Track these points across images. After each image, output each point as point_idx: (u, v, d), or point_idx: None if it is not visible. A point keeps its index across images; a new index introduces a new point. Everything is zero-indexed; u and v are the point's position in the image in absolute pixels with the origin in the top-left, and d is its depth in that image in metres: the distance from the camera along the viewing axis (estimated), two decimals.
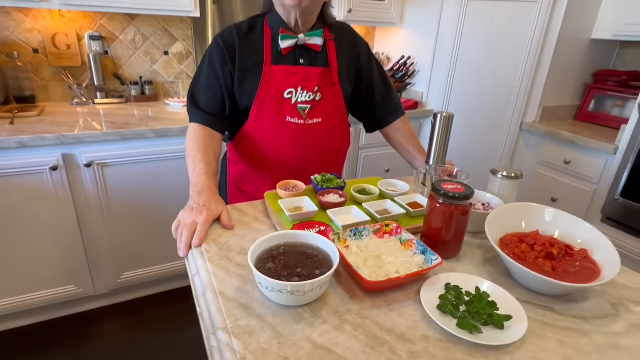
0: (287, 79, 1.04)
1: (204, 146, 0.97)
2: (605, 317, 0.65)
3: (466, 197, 0.73)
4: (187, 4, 1.78)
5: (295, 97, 1.05)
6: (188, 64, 2.19)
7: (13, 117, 1.60)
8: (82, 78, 1.97)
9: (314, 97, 1.07)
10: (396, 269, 0.69)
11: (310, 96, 1.06)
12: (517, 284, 0.71)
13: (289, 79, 1.04)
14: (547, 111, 2.16)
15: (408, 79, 2.42)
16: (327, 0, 1.04)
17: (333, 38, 1.09)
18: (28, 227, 1.53)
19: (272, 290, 0.60)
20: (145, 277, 1.86)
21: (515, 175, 0.93)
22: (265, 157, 1.09)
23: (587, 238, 0.75)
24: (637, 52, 2.18)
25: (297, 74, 1.04)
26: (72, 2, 1.59)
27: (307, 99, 1.06)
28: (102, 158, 1.56)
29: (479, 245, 0.85)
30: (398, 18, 2.37)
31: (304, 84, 1.05)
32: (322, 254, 0.69)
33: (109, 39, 1.97)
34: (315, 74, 1.06)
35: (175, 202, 1.76)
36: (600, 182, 1.87)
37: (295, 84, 1.04)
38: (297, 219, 0.84)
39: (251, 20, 1.06)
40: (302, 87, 1.05)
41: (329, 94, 1.09)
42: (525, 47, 2.03)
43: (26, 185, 1.47)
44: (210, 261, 0.74)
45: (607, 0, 2.01)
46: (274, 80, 1.03)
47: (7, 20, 1.76)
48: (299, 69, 1.04)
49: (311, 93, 1.06)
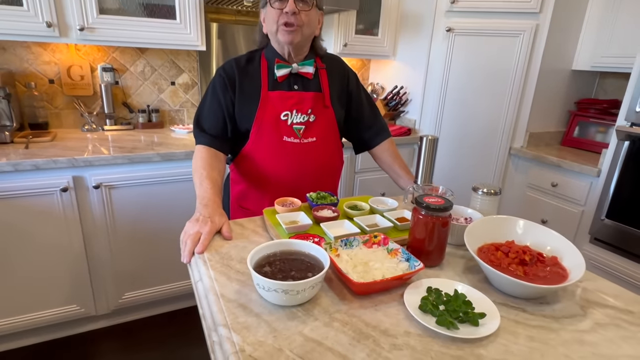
0: (283, 102, 1.15)
1: (209, 165, 1.07)
2: (573, 316, 0.71)
3: (445, 208, 0.81)
4: (195, 39, 1.93)
5: (290, 118, 1.16)
6: (193, 93, 2.32)
7: (28, 142, 1.70)
8: (93, 106, 2.09)
9: (307, 118, 1.17)
10: (382, 274, 0.75)
11: (304, 117, 1.17)
12: (494, 289, 0.78)
13: (284, 102, 1.15)
14: (533, 137, 2.26)
15: (401, 107, 2.55)
16: (317, 35, 1.17)
17: (325, 67, 1.21)
18: (35, 246, 1.59)
19: (269, 290, 0.67)
20: (146, 297, 1.90)
21: (494, 191, 1.01)
22: (265, 174, 1.19)
23: (555, 246, 0.82)
24: (616, 82, 2.32)
25: (291, 98, 1.16)
26: (88, 38, 1.73)
27: (302, 120, 1.17)
28: (110, 180, 1.64)
29: (461, 256, 0.91)
30: (391, 51, 2.53)
31: (298, 106, 1.16)
32: (314, 260, 0.76)
33: (120, 70, 2.10)
34: (309, 98, 1.17)
35: (178, 223, 1.82)
36: (587, 204, 1.95)
37: (291, 107, 1.15)
38: (293, 231, 0.92)
39: (249, 54, 1.20)
40: (297, 110, 1.16)
41: (321, 116, 1.20)
42: (510, 78, 2.16)
43: (37, 206, 1.54)
44: (213, 268, 0.80)
45: (583, 35, 2.16)
46: (271, 104, 1.15)
47: (27, 53, 1.90)
48: (294, 94, 1.16)
49: (305, 115, 1.17)
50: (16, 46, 1.87)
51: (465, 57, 2.22)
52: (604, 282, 0.84)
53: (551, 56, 2.12)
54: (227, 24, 2.28)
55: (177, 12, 1.86)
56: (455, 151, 2.38)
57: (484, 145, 2.31)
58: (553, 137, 2.37)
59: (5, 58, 1.87)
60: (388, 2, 2.40)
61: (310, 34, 1.13)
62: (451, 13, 2.20)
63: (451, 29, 2.19)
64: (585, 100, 2.35)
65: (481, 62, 2.19)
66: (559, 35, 2.10)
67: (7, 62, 1.87)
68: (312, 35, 1.14)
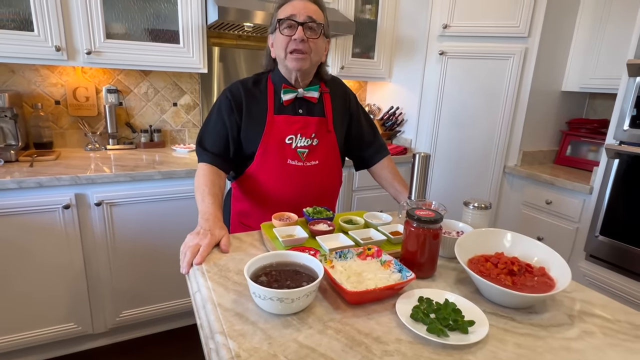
0: (288, 126, 1.19)
1: (211, 181, 1.10)
2: (560, 325, 0.73)
3: (436, 220, 0.84)
4: (197, 62, 2.00)
5: (295, 142, 1.20)
6: (194, 114, 2.39)
7: (32, 160, 1.74)
8: (97, 126, 2.15)
9: (311, 142, 1.21)
10: (375, 284, 0.78)
11: (307, 141, 1.21)
12: (485, 300, 0.80)
13: (290, 126, 1.19)
14: (527, 156, 2.31)
15: (397, 127, 2.61)
16: (323, 61, 1.22)
17: (328, 91, 1.26)
18: (35, 263, 1.61)
19: (264, 299, 0.69)
20: (144, 315, 1.89)
21: (485, 205, 1.05)
22: (268, 195, 1.22)
23: (542, 257, 0.84)
24: (604, 102, 2.39)
25: (296, 122, 1.20)
26: (95, 61, 1.80)
27: (305, 144, 1.21)
28: (112, 198, 1.68)
29: (453, 268, 0.94)
30: (386, 73, 2.62)
31: (303, 131, 1.20)
32: (309, 270, 0.78)
33: (124, 92, 2.17)
34: (313, 123, 1.21)
35: (178, 240, 1.83)
36: (581, 221, 1.97)
37: (295, 131, 1.19)
38: (289, 244, 0.94)
39: (256, 77, 1.24)
40: (301, 134, 1.20)
41: (324, 140, 1.24)
42: (502, 99, 2.23)
43: (39, 223, 1.57)
44: (211, 279, 0.83)
45: (571, 57, 2.25)
46: (276, 127, 1.18)
47: (35, 75, 1.97)
48: (299, 119, 1.20)
49: (309, 139, 1.21)
50: (25, 69, 1.94)
51: (458, 79, 2.30)
52: (592, 292, 0.86)
53: (541, 78, 2.20)
54: (229, 48, 2.37)
55: (180, 37, 1.95)
56: (451, 170, 2.42)
57: (479, 164, 2.36)
58: (546, 155, 2.42)
59: (14, 80, 1.93)
60: (383, 27, 2.50)
61: (317, 61, 1.18)
62: (443, 37, 2.29)
63: (444, 52, 2.28)
64: (576, 120, 2.41)
65: (474, 84, 2.27)
66: (547, 58, 2.18)
67: (15, 84, 1.94)
68: (319, 62, 1.19)
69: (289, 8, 1.10)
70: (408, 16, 2.47)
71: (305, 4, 1.10)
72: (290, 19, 1.09)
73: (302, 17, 1.08)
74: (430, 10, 2.29)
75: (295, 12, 1.09)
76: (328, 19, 1.17)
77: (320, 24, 1.11)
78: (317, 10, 1.12)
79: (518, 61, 2.15)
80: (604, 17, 2.07)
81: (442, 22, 2.25)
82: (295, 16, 1.08)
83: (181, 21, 1.93)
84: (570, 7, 2.16)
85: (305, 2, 1.11)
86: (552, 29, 2.13)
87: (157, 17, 1.90)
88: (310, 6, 1.11)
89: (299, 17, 1.08)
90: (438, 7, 2.26)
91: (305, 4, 1.10)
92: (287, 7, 1.11)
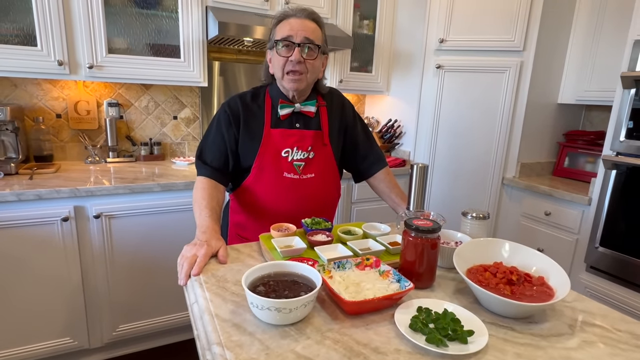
0: (285, 140, 1.20)
1: (209, 195, 1.11)
2: (561, 335, 0.72)
3: (434, 230, 0.84)
4: (197, 76, 2.03)
5: (291, 155, 1.20)
6: (194, 127, 2.41)
7: (32, 173, 1.75)
8: (97, 139, 2.16)
9: (307, 155, 1.22)
10: (374, 294, 0.77)
11: (304, 155, 1.22)
12: (484, 310, 0.79)
13: (286, 140, 1.20)
14: (525, 167, 2.32)
15: (396, 139, 2.63)
16: (320, 77, 1.23)
17: (325, 104, 1.27)
18: (32, 276, 1.60)
19: (262, 309, 0.68)
20: (141, 330, 1.87)
21: (483, 215, 1.05)
22: (264, 207, 1.22)
23: (541, 266, 0.84)
24: (601, 114, 2.42)
25: (293, 135, 1.21)
26: (96, 75, 1.83)
27: (302, 157, 1.21)
28: (111, 210, 1.68)
29: (452, 279, 0.93)
30: (384, 87, 2.65)
31: (299, 144, 1.21)
32: (307, 280, 0.78)
33: (125, 105, 2.20)
34: (309, 136, 1.22)
35: (176, 253, 1.81)
36: (580, 232, 1.97)
37: (292, 145, 1.20)
38: (287, 255, 0.94)
39: (254, 91, 1.25)
40: (298, 147, 1.21)
41: (320, 153, 1.25)
42: (499, 111, 2.25)
43: (37, 236, 1.56)
44: (209, 290, 0.82)
45: (566, 70, 2.28)
46: (273, 141, 1.19)
47: (37, 89, 1.99)
48: (295, 132, 1.21)
49: (305, 152, 1.22)
50: (27, 83, 1.97)
51: (455, 92, 2.32)
52: (592, 302, 0.85)
53: (537, 90, 2.23)
54: (229, 62, 2.40)
55: (181, 52, 1.98)
56: (450, 181, 2.43)
57: (478, 176, 2.37)
58: (544, 167, 2.43)
59: (16, 94, 1.96)
60: (380, 42, 2.55)
61: (314, 79, 1.19)
62: (440, 51, 2.33)
63: (441, 65, 2.31)
64: (572, 132, 2.43)
65: (471, 97, 2.30)
66: (543, 71, 2.21)
67: (17, 98, 1.96)
68: (315, 79, 1.20)
69: (287, 27, 1.10)
70: (405, 31, 2.52)
71: (303, 23, 1.10)
72: (287, 40, 1.10)
73: (299, 38, 1.09)
74: (427, 24, 2.33)
75: (292, 33, 1.09)
76: (326, 35, 1.19)
77: (317, 45, 1.12)
78: (315, 29, 1.12)
79: (514, 74, 2.18)
80: (597, 31, 2.11)
81: (439, 37, 2.29)
82: (292, 37, 1.09)
83: (182, 36, 1.97)
84: (564, 21, 2.21)
85: (302, 20, 1.11)
86: (546, 43, 2.17)
87: (158, 32, 1.93)
88: (308, 25, 1.11)
89: (296, 38, 1.09)
90: (434, 21, 2.31)
91: (303, 22, 1.10)
92: (284, 25, 1.11)
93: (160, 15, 1.92)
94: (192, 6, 1.95)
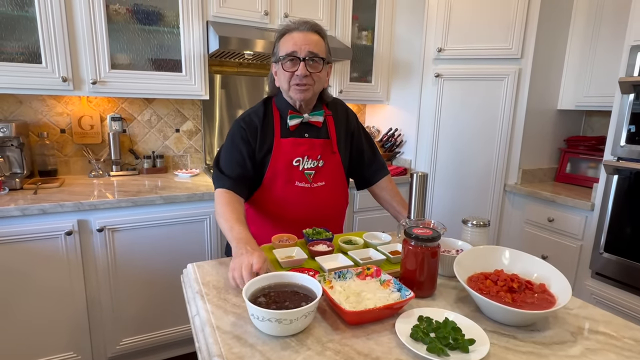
0: (295, 149, 1.21)
1: (235, 210, 1.08)
2: (563, 342, 0.72)
3: (433, 238, 0.84)
4: (199, 89, 2.06)
5: (302, 164, 1.22)
6: (196, 139, 2.43)
7: (37, 188, 1.77)
8: (101, 153, 2.19)
9: (317, 164, 1.24)
10: (374, 304, 0.77)
11: (314, 163, 1.23)
12: (485, 318, 0.79)
13: (296, 149, 1.22)
14: (527, 174, 2.32)
15: (397, 148, 2.64)
16: (325, 86, 1.25)
17: (331, 113, 1.30)
18: (36, 291, 1.60)
19: (263, 320, 0.69)
20: (145, 343, 1.86)
21: (484, 223, 1.05)
22: (276, 217, 1.24)
23: (542, 273, 0.84)
24: (601, 119, 2.42)
25: (303, 144, 1.22)
26: (100, 90, 1.86)
27: (312, 165, 1.23)
28: (114, 223, 1.69)
29: (453, 287, 0.93)
30: (384, 96, 2.67)
31: (309, 152, 1.23)
32: (308, 290, 0.78)
33: (128, 119, 2.22)
34: (318, 145, 1.24)
35: (178, 265, 1.84)
36: (584, 238, 1.96)
37: (302, 153, 1.22)
38: (288, 265, 0.94)
39: (264, 104, 1.25)
40: (308, 156, 1.22)
41: (329, 161, 1.27)
42: (499, 118, 2.26)
43: (41, 250, 1.58)
44: (210, 302, 0.83)
45: (565, 77, 2.29)
46: (284, 151, 1.21)
47: (42, 105, 2.03)
48: (305, 141, 1.23)
49: (315, 160, 1.24)
50: (32, 99, 2.00)
51: (454, 100, 2.34)
52: (595, 309, 0.85)
53: (536, 97, 2.24)
54: (230, 75, 2.44)
55: (183, 66, 2.01)
56: (451, 189, 2.43)
57: (479, 183, 2.37)
58: (546, 173, 2.43)
59: (21, 110, 1.99)
60: (379, 52, 2.58)
61: (320, 89, 1.21)
62: (439, 60, 2.35)
63: (440, 74, 2.33)
64: (573, 138, 2.43)
65: (470, 104, 2.31)
66: (541, 77, 2.23)
67: (22, 114, 1.99)
68: (321, 88, 1.22)
69: (290, 42, 1.12)
70: (403, 41, 2.54)
71: (306, 36, 1.12)
72: (292, 55, 1.11)
73: (303, 53, 1.11)
74: (425, 34, 2.36)
75: (296, 48, 1.11)
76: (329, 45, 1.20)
77: (322, 58, 1.14)
78: (318, 41, 1.14)
79: (512, 81, 2.20)
80: (594, 37, 2.12)
81: (437, 46, 2.32)
82: (296, 52, 1.11)
83: (184, 51, 2.00)
84: (561, 27, 2.23)
85: (305, 33, 1.13)
86: (544, 50, 2.18)
87: (160, 47, 1.97)
88: (311, 37, 1.13)
89: (300, 53, 1.11)
90: (432, 31, 2.33)
91: (306, 36, 1.12)
92: (288, 39, 1.13)
93: (162, 30, 1.96)
94: (193, 21, 1.99)
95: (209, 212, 1.88)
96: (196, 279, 0.94)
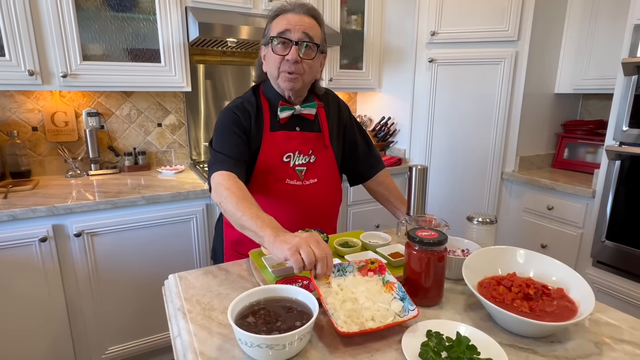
0: (286, 143, 1.11)
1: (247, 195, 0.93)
2: (588, 356, 0.65)
3: (440, 242, 0.76)
4: (180, 80, 1.93)
5: (293, 160, 1.12)
6: (180, 134, 2.31)
7: (7, 191, 1.64)
8: (78, 152, 2.06)
9: (308, 159, 1.14)
10: (372, 315, 0.69)
11: (305, 159, 1.14)
12: (499, 328, 0.71)
13: (287, 143, 1.11)
14: (524, 160, 2.26)
15: (390, 137, 2.55)
16: (318, 78, 1.15)
17: (322, 105, 1.19)
18: (12, 301, 1.49)
19: (252, 346, 0.60)
20: (131, 351, 1.77)
21: (490, 220, 0.97)
22: None
23: (560, 276, 0.77)
24: (599, 103, 2.35)
25: (294, 139, 1.12)
26: (71, 84, 1.72)
27: (303, 161, 1.13)
28: (93, 227, 1.58)
29: (461, 291, 0.85)
30: (376, 84, 2.57)
31: (301, 147, 1.12)
32: (303, 306, 0.69)
33: (105, 114, 2.09)
34: (310, 139, 1.14)
35: (164, 268, 1.74)
36: (585, 226, 1.91)
37: (293, 148, 1.12)
38: (279, 274, 0.86)
39: (252, 93, 1.13)
40: (299, 151, 1.12)
41: (322, 156, 1.17)
42: (495, 104, 2.18)
43: (14, 258, 1.46)
44: (193, 321, 0.74)
45: (562, 59, 2.22)
46: (274, 145, 1.10)
47: (10, 102, 1.88)
48: (296, 134, 1.13)
49: (306, 156, 1.14)
50: None
51: (449, 86, 2.25)
52: (616, 312, 0.78)
53: (533, 81, 2.16)
54: (214, 64, 2.30)
55: (161, 56, 1.88)
56: (447, 178, 2.36)
57: (476, 171, 2.30)
58: (544, 159, 2.37)
59: None
60: (370, 37, 2.46)
61: (311, 80, 1.10)
62: (432, 45, 2.25)
63: (433, 59, 2.23)
64: (571, 122, 2.37)
65: (465, 90, 2.22)
66: (539, 60, 2.14)
67: None
68: (313, 80, 1.11)
69: (284, 22, 1.02)
70: (395, 25, 2.43)
71: (302, 18, 1.02)
72: (283, 37, 1.01)
73: (297, 35, 1.00)
74: (417, 18, 2.25)
75: (289, 28, 1.00)
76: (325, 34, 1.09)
77: (316, 44, 1.03)
78: (314, 26, 1.04)
79: (509, 65, 2.11)
80: (593, 16, 2.04)
81: (430, 30, 2.21)
82: (289, 32, 1.00)
83: (161, 39, 1.86)
84: (558, 7, 2.14)
85: (301, 15, 1.03)
86: (541, 31, 2.10)
87: (136, 36, 1.83)
88: (307, 20, 1.03)
89: (293, 35, 1.00)
90: (425, 14, 2.22)
91: (301, 17, 1.02)
92: (281, 20, 1.03)
93: (137, 18, 1.82)
94: (171, 7, 1.85)
95: (195, 212, 1.78)
96: (178, 293, 0.85)
